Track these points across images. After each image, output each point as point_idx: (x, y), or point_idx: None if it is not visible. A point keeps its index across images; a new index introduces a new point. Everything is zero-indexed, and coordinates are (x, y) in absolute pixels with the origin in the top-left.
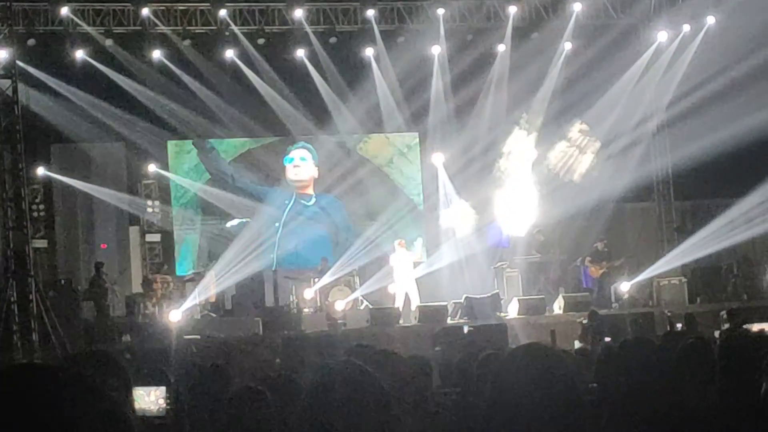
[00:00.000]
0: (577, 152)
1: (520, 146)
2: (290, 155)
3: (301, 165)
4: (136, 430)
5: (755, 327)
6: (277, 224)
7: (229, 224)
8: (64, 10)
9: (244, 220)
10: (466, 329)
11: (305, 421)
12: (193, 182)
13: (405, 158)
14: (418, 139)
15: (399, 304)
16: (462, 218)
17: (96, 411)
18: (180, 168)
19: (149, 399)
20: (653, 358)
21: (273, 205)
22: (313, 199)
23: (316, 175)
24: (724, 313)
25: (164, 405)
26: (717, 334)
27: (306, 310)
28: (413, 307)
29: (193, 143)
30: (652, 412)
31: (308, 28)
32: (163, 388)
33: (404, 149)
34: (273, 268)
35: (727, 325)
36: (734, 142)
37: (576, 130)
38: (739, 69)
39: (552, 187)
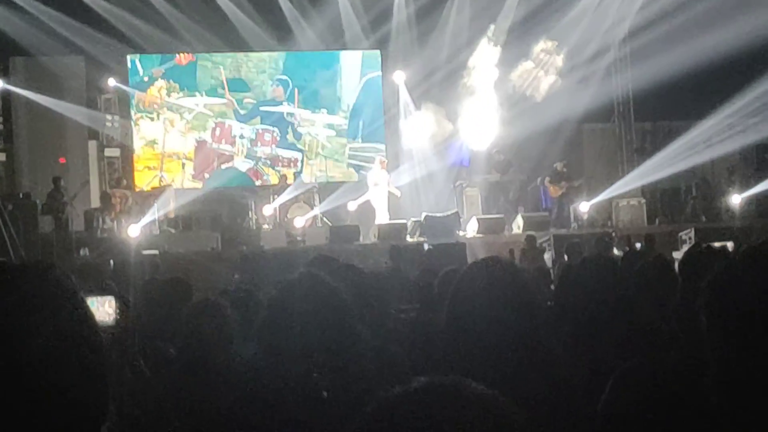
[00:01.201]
0: (541, 72)
1: (485, 60)
2: None
3: None
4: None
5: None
6: None
7: None
8: None
9: None
10: (426, 247)
11: (266, 334)
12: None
13: None
14: (380, 57)
15: (382, 220)
16: (423, 135)
17: (72, 312)
18: None
19: (103, 309)
20: (613, 276)
21: None
22: None
23: None
24: (682, 234)
25: (115, 315)
26: (675, 254)
27: (265, 226)
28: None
29: None
30: (610, 329)
31: None
32: (112, 298)
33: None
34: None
35: (689, 245)
36: (695, 63)
37: (539, 49)
38: None
39: (514, 106)
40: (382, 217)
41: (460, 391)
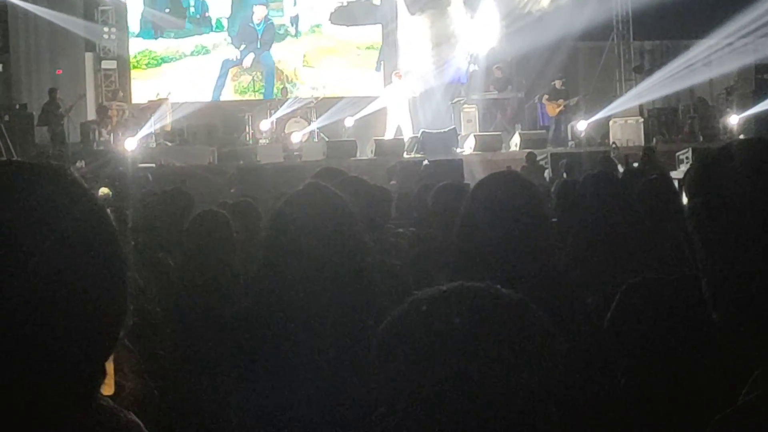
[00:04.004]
0: None
1: None
2: None
3: None
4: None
5: None
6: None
7: None
8: None
9: None
10: (425, 163)
11: (272, 244)
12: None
13: None
14: None
15: (391, 135)
16: (421, 50)
17: (92, 212)
18: None
19: None
20: (616, 193)
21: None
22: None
23: None
24: (680, 153)
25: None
26: (673, 174)
27: (261, 141)
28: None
29: None
30: (614, 245)
31: None
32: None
33: None
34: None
35: (687, 165)
36: None
37: None
38: None
39: (513, 22)
40: (407, 129)
41: (492, 294)
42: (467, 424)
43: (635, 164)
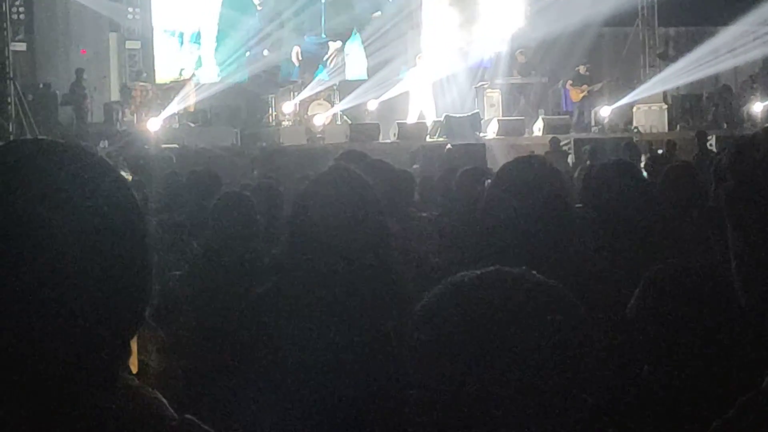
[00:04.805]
0: None
1: None
2: None
3: None
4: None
5: None
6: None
7: None
8: None
9: None
10: (448, 147)
11: (295, 226)
12: None
13: None
14: None
15: (413, 119)
16: (444, 35)
17: (119, 192)
18: None
19: None
20: (639, 179)
21: None
22: None
23: None
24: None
25: None
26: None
27: (284, 123)
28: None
29: None
30: (637, 232)
31: None
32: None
33: None
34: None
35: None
36: None
37: None
38: None
39: (537, 6)
40: (430, 113)
41: (529, 279)
42: (503, 407)
43: (660, 151)
